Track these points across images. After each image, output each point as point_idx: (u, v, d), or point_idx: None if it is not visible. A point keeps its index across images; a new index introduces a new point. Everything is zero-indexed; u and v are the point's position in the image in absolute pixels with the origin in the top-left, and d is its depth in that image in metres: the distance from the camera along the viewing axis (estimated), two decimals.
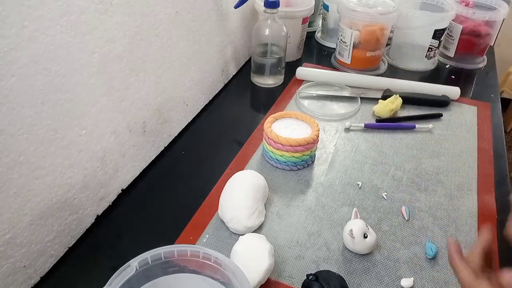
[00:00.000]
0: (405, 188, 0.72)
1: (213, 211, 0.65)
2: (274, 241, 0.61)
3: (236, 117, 0.89)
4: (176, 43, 0.74)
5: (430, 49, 1.05)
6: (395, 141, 0.83)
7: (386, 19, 0.98)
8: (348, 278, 0.57)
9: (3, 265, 0.49)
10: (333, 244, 0.62)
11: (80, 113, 0.56)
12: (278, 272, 0.57)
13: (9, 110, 0.45)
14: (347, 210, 0.67)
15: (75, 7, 0.50)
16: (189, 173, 0.74)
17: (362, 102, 0.93)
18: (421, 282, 0.57)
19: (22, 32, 0.44)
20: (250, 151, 0.78)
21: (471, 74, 1.11)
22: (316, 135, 0.72)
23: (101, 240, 0.62)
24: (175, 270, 0.49)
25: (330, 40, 1.18)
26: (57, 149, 0.53)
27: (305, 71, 0.99)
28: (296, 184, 0.72)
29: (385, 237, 0.63)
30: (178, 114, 0.81)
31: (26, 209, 0.51)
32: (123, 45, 0.61)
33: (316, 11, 1.20)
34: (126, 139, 0.67)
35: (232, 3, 0.90)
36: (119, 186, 0.69)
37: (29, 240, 0.52)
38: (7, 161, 0.47)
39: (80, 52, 0.53)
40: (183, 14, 0.74)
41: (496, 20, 1.04)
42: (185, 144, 0.81)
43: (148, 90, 0.70)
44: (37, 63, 0.47)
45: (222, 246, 0.61)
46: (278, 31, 0.92)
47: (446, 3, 1.04)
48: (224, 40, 0.92)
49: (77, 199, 0.59)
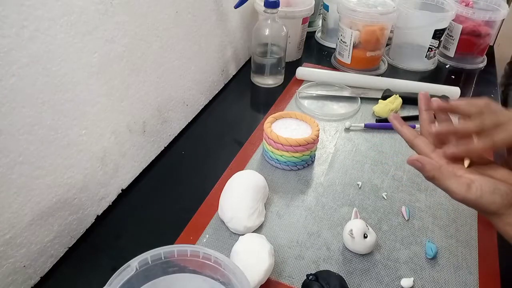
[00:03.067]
0: (405, 188, 0.72)
1: (213, 211, 0.65)
2: (274, 241, 0.61)
3: (236, 117, 0.89)
4: (176, 43, 0.74)
5: (430, 49, 1.05)
6: (395, 141, 0.83)
7: (386, 19, 0.98)
8: (348, 278, 0.57)
9: (3, 265, 0.49)
10: (333, 244, 0.62)
11: (80, 113, 0.56)
12: (278, 272, 0.57)
13: (9, 110, 0.45)
14: (347, 210, 0.67)
15: (75, 7, 0.50)
16: (189, 173, 0.74)
17: (362, 102, 0.93)
18: (421, 282, 0.57)
19: (22, 32, 0.44)
20: (250, 151, 0.78)
21: (471, 74, 1.10)
22: (316, 135, 0.72)
23: (101, 240, 0.62)
24: (175, 270, 0.49)
25: (330, 40, 1.18)
26: (57, 149, 0.53)
27: (305, 71, 0.99)
28: (296, 184, 0.72)
29: (385, 237, 0.63)
30: (178, 114, 0.81)
31: (26, 209, 0.51)
32: (123, 45, 0.61)
33: (316, 11, 1.20)
34: (126, 139, 0.67)
35: (232, 3, 0.90)
36: (119, 186, 0.69)
37: (29, 240, 0.52)
38: (7, 161, 0.47)
39: (80, 52, 0.53)
40: (183, 14, 0.74)
41: (496, 20, 1.04)
42: (185, 144, 0.81)
43: (148, 90, 0.70)
44: (37, 63, 0.47)
45: (222, 246, 0.61)
46: (278, 31, 0.92)
47: (446, 3, 1.04)
48: (224, 40, 0.92)
49: (77, 199, 0.59)
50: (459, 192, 0.46)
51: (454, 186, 0.47)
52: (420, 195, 0.71)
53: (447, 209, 0.68)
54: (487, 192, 0.46)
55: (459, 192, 0.46)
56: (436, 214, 0.67)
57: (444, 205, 0.69)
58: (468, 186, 0.46)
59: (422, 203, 0.69)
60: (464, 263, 0.60)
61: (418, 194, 0.71)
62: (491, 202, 0.45)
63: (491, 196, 0.45)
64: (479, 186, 0.46)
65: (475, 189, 0.46)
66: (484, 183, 0.46)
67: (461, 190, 0.46)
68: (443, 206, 0.69)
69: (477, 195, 0.46)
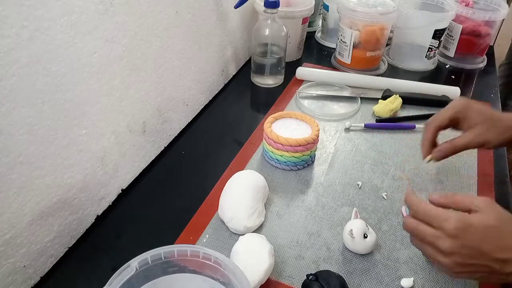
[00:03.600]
0: (405, 188, 0.72)
1: (213, 211, 0.65)
2: (274, 241, 0.61)
3: (236, 117, 0.89)
4: (176, 43, 0.74)
5: (430, 49, 1.05)
6: (395, 141, 0.83)
7: (386, 19, 0.98)
8: (348, 278, 0.57)
9: (3, 265, 0.49)
10: (333, 244, 0.62)
11: (80, 113, 0.56)
12: (278, 272, 0.57)
13: (9, 110, 0.45)
14: (347, 210, 0.67)
15: (75, 7, 0.50)
16: (189, 173, 0.74)
17: (362, 102, 0.93)
18: (421, 282, 0.57)
19: (22, 32, 0.44)
20: (250, 151, 0.78)
21: (471, 74, 1.10)
22: (316, 135, 0.72)
23: (101, 240, 0.62)
24: (175, 270, 0.49)
25: (330, 40, 1.18)
26: (57, 149, 0.53)
27: (305, 71, 0.99)
28: (296, 184, 0.72)
29: (385, 237, 0.63)
30: (178, 114, 0.81)
31: (26, 209, 0.51)
32: (123, 45, 0.61)
33: (316, 11, 1.20)
34: (126, 139, 0.67)
35: (232, 3, 0.90)
36: (119, 186, 0.69)
37: (29, 240, 0.52)
38: (7, 161, 0.47)
39: (80, 52, 0.53)
40: (183, 14, 0.74)
41: (496, 20, 1.04)
42: (185, 144, 0.81)
43: (148, 90, 0.70)
44: (37, 63, 0.47)
45: (222, 246, 0.61)
46: (278, 31, 0.92)
47: (446, 3, 1.04)
48: (224, 40, 0.92)
49: (77, 199, 0.59)
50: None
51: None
52: (420, 195, 0.70)
53: None
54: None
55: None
56: None
57: None
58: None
59: None
60: None
61: (418, 194, 0.71)
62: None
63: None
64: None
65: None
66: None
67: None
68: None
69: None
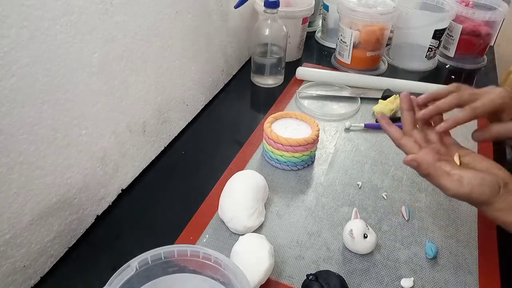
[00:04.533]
0: (405, 188, 0.72)
1: (213, 211, 0.65)
2: (274, 241, 0.61)
3: (236, 117, 0.89)
4: (176, 43, 0.74)
5: (430, 49, 1.05)
6: None
7: (386, 19, 0.98)
8: (348, 278, 0.57)
9: (3, 265, 0.49)
10: (333, 244, 0.62)
11: (80, 113, 0.56)
12: (278, 272, 0.57)
13: (9, 110, 0.45)
14: (347, 210, 0.67)
15: (75, 7, 0.50)
16: (189, 173, 0.74)
17: (362, 102, 0.93)
18: (421, 282, 0.57)
19: (22, 32, 0.44)
20: (250, 151, 0.78)
21: (471, 74, 1.11)
22: (316, 135, 0.72)
23: (101, 240, 0.62)
24: (175, 270, 0.49)
25: (330, 40, 1.18)
26: (57, 149, 0.53)
27: (305, 71, 0.99)
28: (296, 184, 0.72)
29: (385, 237, 0.63)
30: (178, 114, 0.81)
31: (26, 209, 0.51)
32: (123, 45, 0.61)
33: (316, 11, 1.20)
34: (126, 139, 0.67)
35: (232, 3, 0.90)
36: (119, 186, 0.69)
37: (29, 240, 0.52)
38: (7, 161, 0.47)
39: (80, 52, 0.53)
40: (183, 14, 0.74)
41: (496, 20, 1.04)
42: (185, 144, 0.81)
43: (148, 90, 0.70)
44: (37, 63, 0.47)
45: (222, 246, 0.61)
46: (278, 31, 0.92)
47: (446, 3, 1.04)
48: (224, 40, 0.92)
49: (77, 199, 0.59)
50: (452, 188, 0.50)
51: (447, 183, 0.51)
52: (420, 195, 0.71)
53: (447, 209, 0.68)
54: (476, 185, 0.49)
55: (452, 188, 0.50)
56: (436, 214, 0.67)
57: (444, 205, 0.69)
58: (459, 182, 0.50)
59: (422, 203, 0.69)
60: (464, 263, 0.60)
61: (418, 194, 0.71)
62: (481, 193, 0.49)
63: (480, 188, 0.49)
64: (469, 181, 0.50)
65: (466, 184, 0.50)
66: (472, 177, 0.50)
67: (453, 186, 0.50)
68: (443, 206, 0.69)
69: (468, 190, 0.49)
